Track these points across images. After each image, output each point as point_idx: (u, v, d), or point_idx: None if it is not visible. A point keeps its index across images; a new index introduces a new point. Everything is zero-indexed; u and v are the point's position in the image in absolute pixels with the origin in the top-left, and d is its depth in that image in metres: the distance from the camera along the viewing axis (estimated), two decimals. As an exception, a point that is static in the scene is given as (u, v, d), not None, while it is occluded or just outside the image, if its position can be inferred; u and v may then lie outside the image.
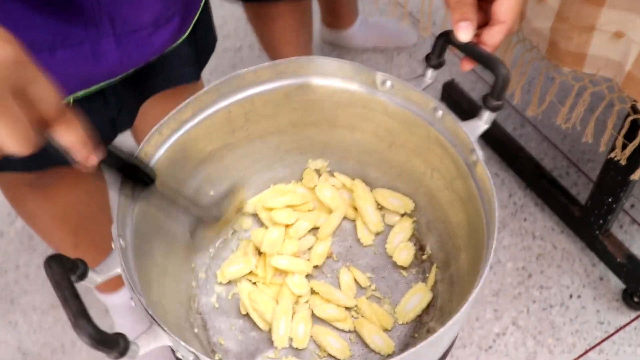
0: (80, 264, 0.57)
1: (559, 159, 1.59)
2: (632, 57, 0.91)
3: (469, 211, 0.71)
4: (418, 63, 1.81)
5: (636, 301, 1.35)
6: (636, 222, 1.49)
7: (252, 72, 0.74)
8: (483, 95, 0.68)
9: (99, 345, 0.50)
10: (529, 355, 1.30)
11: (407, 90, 0.72)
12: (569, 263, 1.42)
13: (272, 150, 0.84)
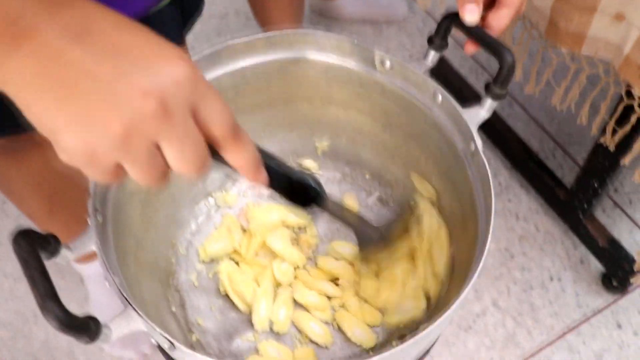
0: (51, 240, 0.54)
1: (545, 140, 1.58)
2: (632, 40, 0.89)
3: (463, 201, 0.69)
4: (407, 37, 1.77)
5: (615, 285, 1.35)
6: (618, 207, 1.48)
7: (244, 43, 0.71)
8: (486, 82, 0.65)
9: (68, 329, 0.47)
10: (508, 336, 1.30)
11: (407, 71, 0.69)
12: (551, 245, 1.42)
13: (262, 125, 0.81)
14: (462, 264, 0.69)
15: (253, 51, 0.72)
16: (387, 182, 0.83)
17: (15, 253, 0.49)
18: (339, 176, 0.85)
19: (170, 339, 0.52)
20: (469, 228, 0.67)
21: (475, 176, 0.65)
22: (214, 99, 0.41)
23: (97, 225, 0.58)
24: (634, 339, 1.32)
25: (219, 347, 0.73)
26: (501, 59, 0.62)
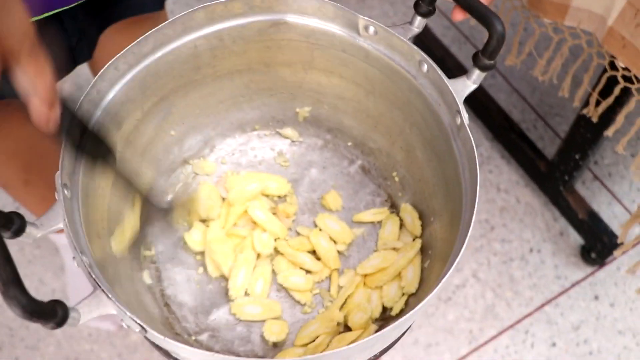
0: (15, 218, 0.51)
1: (527, 112, 1.56)
2: (616, 11, 0.87)
3: (447, 173, 0.67)
4: (390, 5, 1.73)
5: (593, 257, 1.35)
6: (598, 179, 1.48)
7: (222, 5, 0.67)
8: (474, 52, 0.63)
9: (32, 316, 0.44)
10: (487, 308, 1.30)
11: (392, 38, 0.66)
12: (531, 217, 1.41)
13: (241, 89, 0.78)
14: (444, 242, 0.67)
15: (231, 14, 0.68)
16: (369, 150, 0.80)
17: None
18: (321, 143, 0.82)
19: (142, 324, 0.49)
20: (452, 202, 0.65)
21: (461, 150, 0.63)
22: (16, 7, 0.36)
23: (66, 200, 0.55)
24: (610, 311, 1.33)
25: (196, 321, 0.71)
26: (491, 28, 0.60)
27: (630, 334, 1.30)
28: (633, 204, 1.44)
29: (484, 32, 0.60)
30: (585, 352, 1.28)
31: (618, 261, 1.37)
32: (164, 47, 0.67)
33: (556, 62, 1.07)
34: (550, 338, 1.29)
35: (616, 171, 1.48)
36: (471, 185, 0.60)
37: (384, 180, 0.80)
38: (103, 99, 0.63)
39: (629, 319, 1.32)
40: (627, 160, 1.49)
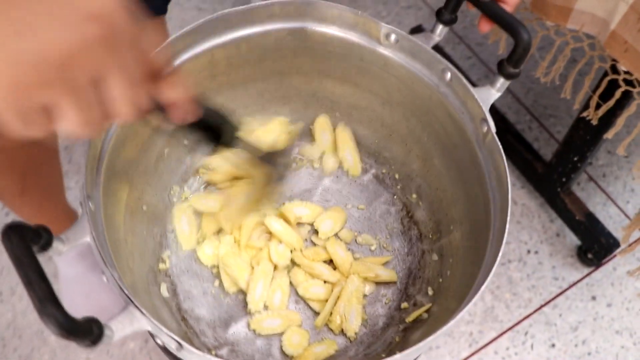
0: (43, 233, 0.49)
1: (522, 113, 1.57)
2: (619, 15, 0.87)
3: (469, 182, 0.67)
4: (383, 4, 1.73)
5: (590, 258, 1.36)
6: (593, 180, 1.49)
7: (241, 13, 0.66)
8: (499, 60, 0.62)
9: (69, 334, 0.42)
10: (487, 310, 1.30)
11: (415, 46, 0.66)
12: (528, 219, 1.41)
13: (254, 98, 0.77)
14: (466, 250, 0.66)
15: (250, 22, 0.67)
16: (384, 159, 0.80)
17: (7, 250, 0.44)
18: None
19: (179, 340, 0.48)
20: (475, 210, 0.65)
21: (487, 158, 0.62)
22: (153, 31, 0.37)
23: (91, 214, 0.54)
24: (608, 310, 1.34)
25: (215, 335, 0.69)
26: (517, 37, 0.59)
27: (627, 334, 1.31)
28: (627, 205, 1.45)
29: (490, 48, 0.59)
30: (584, 353, 1.29)
31: (614, 262, 1.38)
32: (182, 55, 0.66)
33: (558, 64, 1.08)
34: (549, 339, 1.30)
35: (610, 172, 1.49)
36: (500, 193, 0.59)
37: (399, 190, 0.79)
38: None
39: (625, 319, 1.33)
40: (621, 161, 1.50)
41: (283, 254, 0.73)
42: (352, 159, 0.80)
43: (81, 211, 0.54)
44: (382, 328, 0.71)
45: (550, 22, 0.95)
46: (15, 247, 0.44)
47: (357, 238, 0.77)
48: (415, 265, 0.75)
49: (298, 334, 0.70)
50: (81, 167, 1.41)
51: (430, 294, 0.71)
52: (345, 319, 0.70)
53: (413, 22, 1.67)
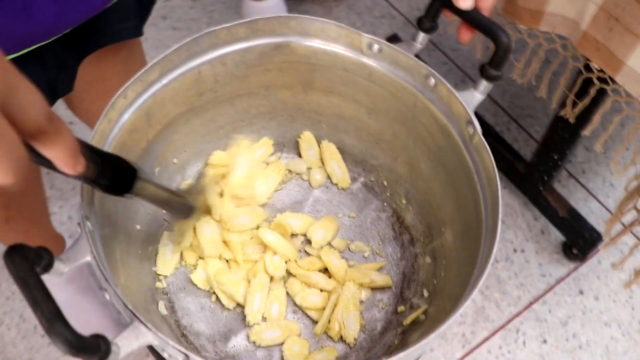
0: (44, 254, 0.49)
1: (499, 114, 1.59)
2: (588, 16, 0.90)
3: (458, 183, 0.68)
4: (357, 15, 1.75)
5: (575, 253, 1.39)
6: (573, 177, 1.52)
7: (226, 30, 0.67)
8: (480, 64, 0.64)
9: (77, 352, 0.43)
10: (478, 310, 1.32)
11: (397, 55, 0.67)
12: (512, 218, 1.44)
13: (241, 113, 0.78)
14: (459, 252, 0.68)
15: (234, 38, 0.68)
16: (372, 167, 0.81)
17: (11, 272, 0.45)
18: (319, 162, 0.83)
19: (185, 352, 0.49)
20: (465, 211, 0.66)
21: (475, 159, 0.64)
22: (25, 88, 0.36)
23: (90, 234, 0.54)
24: (595, 304, 1.36)
25: (215, 350, 0.70)
26: (497, 40, 0.61)
27: (615, 325, 1.34)
28: (608, 199, 1.48)
29: (465, 54, 0.61)
30: (575, 346, 1.31)
31: (599, 255, 1.41)
32: (169, 74, 0.66)
33: (533, 66, 1.10)
34: (540, 335, 1.32)
35: (589, 168, 1.52)
36: (490, 192, 0.61)
37: (388, 196, 0.81)
38: (113, 128, 0.62)
39: (613, 310, 1.36)
40: (599, 157, 1.54)
41: (278, 265, 0.74)
42: (340, 171, 0.81)
43: (80, 231, 0.54)
44: (380, 332, 0.72)
45: (523, 26, 0.98)
46: (19, 268, 0.44)
47: (350, 246, 0.78)
48: (409, 269, 0.76)
49: (298, 343, 0.70)
50: (64, 193, 1.41)
51: (426, 296, 0.72)
52: (344, 326, 0.71)
53: (388, 31, 1.69)
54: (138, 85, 0.64)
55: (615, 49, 0.86)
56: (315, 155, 0.81)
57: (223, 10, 1.70)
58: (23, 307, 1.28)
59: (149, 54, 0.94)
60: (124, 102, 0.64)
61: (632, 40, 0.83)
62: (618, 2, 0.82)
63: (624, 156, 1.49)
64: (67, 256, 0.53)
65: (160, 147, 0.72)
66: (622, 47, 0.85)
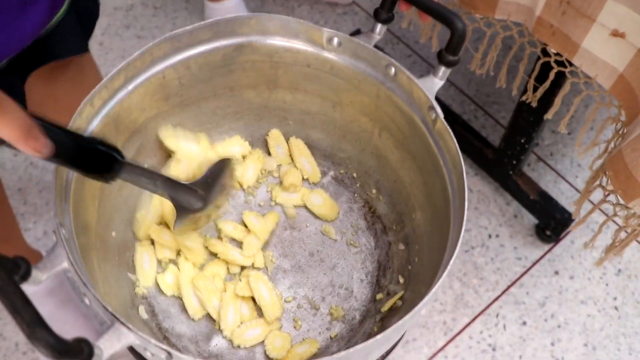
0: (21, 263, 0.50)
1: (466, 103, 1.62)
2: (541, 2, 0.92)
3: (424, 169, 0.70)
4: (319, 13, 1.77)
5: (548, 234, 1.41)
6: (541, 160, 1.55)
7: (188, 33, 0.68)
8: (438, 50, 0.66)
9: (61, 355, 0.44)
10: (457, 297, 1.34)
11: (357, 47, 0.69)
12: (485, 204, 1.46)
13: (208, 116, 0.78)
14: (430, 235, 0.69)
15: (196, 41, 0.69)
16: (340, 160, 0.82)
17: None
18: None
19: (167, 349, 0.50)
20: (434, 196, 0.68)
21: (439, 144, 0.65)
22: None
23: (66, 241, 0.55)
24: (571, 283, 1.39)
25: (198, 350, 0.70)
26: (452, 26, 0.63)
27: (591, 302, 1.37)
28: (576, 179, 1.51)
29: (428, 46, 0.63)
30: (554, 326, 1.34)
31: (571, 235, 1.44)
32: (134, 80, 0.67)
33: (491, 55, 1.12)
34: (520, 318, 1.34)
35: (557, 150, 1.55)
36: (455, 174, 0.62)
37: (358, 187, 0.82)
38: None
39: (588, 288, 1.39)
40: (565, 139, 1.57)
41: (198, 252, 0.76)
42: (310, 166, 0.83)
43: (55, 239, 0.55)
44: (359, 321, 0.74)
45: (479, 15, 1.00)
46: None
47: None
48: (384, 257, 0.78)
49: (280, 337, 0.71)
50: (37, 208, 1.40)
51: (402, 282, 0.74)
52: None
53: (351, 27, 1.71)
54: (104, 93, 0.65)
55: (570, 32, 0.89)
56: (284, 152, 0.83)
57: (186, 16, 1.70)
58: (2, 325, 1.28)
59: (114, 64, 0.95)
60: (91, 110, 0.64)
61: (585, 23, 0.86)
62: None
63: (589, 136, 1.52)
64: (44, 264, 0.54)
65: (130, 152, 0.73)
66: (576, 30, 0.87)
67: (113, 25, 1.66)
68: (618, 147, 0.89)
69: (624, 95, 0.90)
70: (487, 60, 1.14)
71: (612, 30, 0.84)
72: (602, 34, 0.85)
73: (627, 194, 0.86)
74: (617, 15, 0.81)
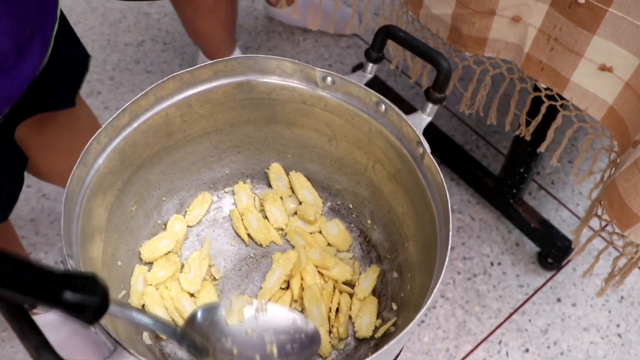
0: None
1: (468, 133, 1.65)
2: (530, 39, 0.95)
3: (415, 201, 0.73)
4: (324, 47, 1.82)
5: (550, 262, 1.43)
6: (543, 188, 1.57)
7: (189, 73, 0.72)
8: (425, 88, 0.70)
9: None
10: (459, 325, 1.36)
11: (349, 85, 0.72)
12: (487, 232, 1.49)
13: (210, 150, 0.82)
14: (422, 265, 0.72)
15: (198, 80, 0.73)
16: (337, 191, 0.86)
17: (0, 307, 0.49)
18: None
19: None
20: (424, 226, 0.71)
21: (427, 177, 0.69)
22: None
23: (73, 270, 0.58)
24: (573, 310, 1.40)
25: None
26: (437, 66, 0.66)
27: (594, 330, 1.38)
28: (578, 207, 1.53)
29: (431, 78, 0.66)
30: (556, 353, 1.35)
31: (573, 263, 1.46)
32: (139, 118, 0.71)
33: (481, 93, 1.15)
34: (522, 345, 1.36)
35: (558, 179, 1.58)
36: (442, 205, 0.65)
37: (354, 218, 0.85)
38: (89, 172, 0.67)
39: (591, 315, 1.40)
40: (567, 167, 1.60)
41: (193, 281, 0.78)
42: (312, 197, 0.86)
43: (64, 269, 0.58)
44: (354, 347, 0.76)
45: (469, 53, 1.03)
46: (9, 304, 0.48)
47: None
48: (379, 284, 0.80)
49: None
50: (49, 239, 1.44)
51: (395, 309, 0.77)
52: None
53: (355, 60, 1.76)
54: (110, 130, 0.69)
55: (559, 67, 0.92)
56: (285, 185, 0.86)
57: (194, 51, 1.75)
58: (14, 352, 1.31)
59: (124, 97, 0.99)
60: (97, 147, 0.68)
61: (573, 58, 0.89)
62: (555, 23, 0.87)
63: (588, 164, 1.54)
64: None
65: (135, 186, 0.77)
66: (565, 65, 0.90)
67: (123, 60, 1.72)
68: (612, 177, 0.91)
69: (616, 126, 0.93)
70: (477, 99, 1.17)
71: (599, 65, 0.87)
72: (590, 68, 0.88)
73: (622, 223, 0.88)
74: (604, 51, 0.84)
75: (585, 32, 0.83)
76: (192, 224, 0.84)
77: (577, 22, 0.83)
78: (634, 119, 0.87)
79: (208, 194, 0.86)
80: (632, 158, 0.83)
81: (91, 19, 1.80)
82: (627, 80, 0.85)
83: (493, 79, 1.08)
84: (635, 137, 0.86)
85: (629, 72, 0.84)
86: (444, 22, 0.99)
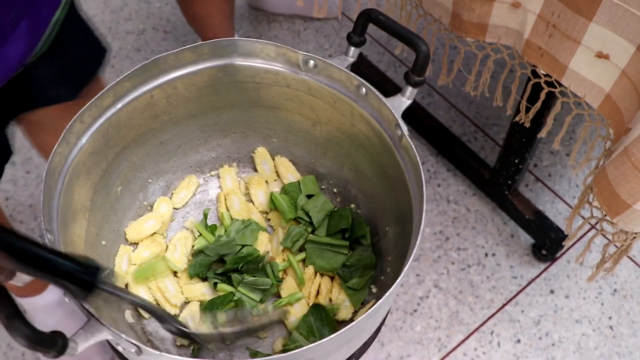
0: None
1: (466, 125, 1.65)
2: (529, 25, 0.95)
3: (395, 185, 0.73)
4: (324, 37, 1.82)
5: (544, 254, 1.43)
6: (540, 181, 1.57)
7: (173, 55, 0.73)
8: (405, 72, 0.70)
9: (36, 346, 0.49)
10: (452, 315, 1.36)
11: (331, 69, 0.73)
12: (482, 224, 1.49)
13: (195, 133, 0.83)
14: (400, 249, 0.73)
15: (182, 63, 0.74)
16: (322, 175, 0.86)
17: None
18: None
19: (137, 344, 0.54)
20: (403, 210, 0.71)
21: (405, 159, 0.69)
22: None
23: (51, 244, 0.60)
24: (566, 302, 1.41)
25: (179, 353, 0.75)
26: (416, 49, 0.67)
27: (586, 322, 1.38)
28: (574, 200, 1.53)
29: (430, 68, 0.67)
30: (548, 344, 1.35)
31: (567, 255, 1.46)
32: (123, 99, 0.72)
33: (484, 77, 1.16)
34: (514, 335, 1.36)
35: (555, 171, 1.58)
36: (418, 187, 0.66)
37: (339, 202, 0.86)
38: (71, 151, 0.68)
39: (583, 307, 1.40)
40: (564, 160, 1.59)
41: (175, 295, 0.79)
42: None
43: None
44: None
45: (470, 39, 1.04)
46: None
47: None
48: (360, 268, 0.81)
49: None
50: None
51: (375, 292, 0.78)
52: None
53: (355, 52, 1.76)
54: (94, 110, 0.70)
55: (557, 54, 0.92)
56: (270, 169, 0.87)
57: (195, 39, 1.76)
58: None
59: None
60: (81, 126, 0.69)
61: (571, 45, 0.89)
62: (554, 10, 0.87)
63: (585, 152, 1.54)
64: None
65: (120, 167, 0.78)
66: (563, 52, 0.90)
67: (124, 48, 1.73)
68: (603, 165, 0.91)
69: (612, 114, 0.93)
70: (481, 82, 1.18)
71: (596, 52, 0.87)
72: (588, 55, 0.88)
73: (611, 210, 0.88)
74: (601, 38, 0.84)
75: (583, 19, 0.83)
76: (178, 206, 0.85)
77: (574, 9, 0.84)
78: (629, 107, 0.88)
79: (194, 177, 0.87)
80: (622, 146, 0.84)
81: (93, 7, 1.82)
82: (623, 68, 0.85)
83: (495, 62, 1.09)
84: (629, 124, 0.87)
85: (625, 60, 0.84)
86: (446, 8, 1.00)
